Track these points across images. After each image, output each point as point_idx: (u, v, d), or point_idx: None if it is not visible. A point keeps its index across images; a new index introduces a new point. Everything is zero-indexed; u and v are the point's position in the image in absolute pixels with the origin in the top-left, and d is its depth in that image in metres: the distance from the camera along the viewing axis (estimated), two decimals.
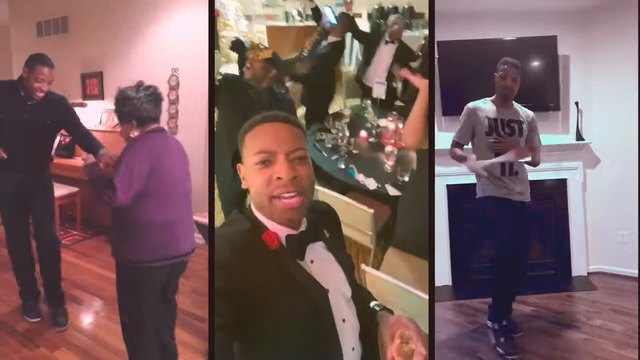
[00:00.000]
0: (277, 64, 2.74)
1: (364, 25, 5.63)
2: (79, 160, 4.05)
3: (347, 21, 3.98)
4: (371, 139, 3.47)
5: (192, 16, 3.64)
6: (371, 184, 2.73)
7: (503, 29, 3.33)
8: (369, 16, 5.90)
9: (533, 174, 3.30)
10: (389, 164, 2.93)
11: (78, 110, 4.12)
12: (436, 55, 3.31)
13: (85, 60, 4.25)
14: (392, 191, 2.64)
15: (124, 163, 1.93)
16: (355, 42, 5.31)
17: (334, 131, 3.39)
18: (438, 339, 2.50)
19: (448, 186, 3.35)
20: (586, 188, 3.51)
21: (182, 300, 2.76)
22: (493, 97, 2.53)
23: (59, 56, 2.91)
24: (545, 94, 3.39)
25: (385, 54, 4.11)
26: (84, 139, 2.73)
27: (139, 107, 2.01)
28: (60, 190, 3.01)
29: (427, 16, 5.86)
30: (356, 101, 4.53)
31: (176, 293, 2.26)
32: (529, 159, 2.48)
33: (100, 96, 4.22)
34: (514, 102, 2.53)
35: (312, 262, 1.10)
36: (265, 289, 1.00)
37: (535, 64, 3.37)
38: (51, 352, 2.49)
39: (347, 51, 5.03)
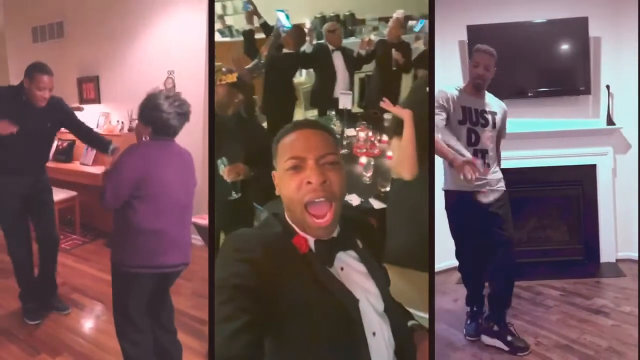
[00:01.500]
0: (243, 87, 2.63)
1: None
2: (77, 164, 4.05)
3: (300, 34, 3.96)
4: (343, 151, 3.35)
5: (188, 19, 3.65)
6: (354, 199, 2.60)
7: (533, 11, 3.26)
8: (313, 26, 5.88)
9: (561, 160, 3.34)
10: (367, 175, 2.83)
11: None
12: (465, 40, 3.30)
13: (81, 64, 4.28)
14: (376, 204, 2.52)
15: (116, 167, 1.97)
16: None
17: None
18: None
19: None
20: (616, 174, 3.41)
21: (182, 302, 2.76)
22: (463, 85, 2.45)
23: (55, 61, 2.92)
24: (576, 77, 3.32)
25: (338, 63, 4.07)
26: (90, 137, 2.85)
27: (164, 121, 2.00)
28: (59, 195, 3.03)
29: (368, 21, 5.91)
30: (314, 113, 4.39)
31: (168, 296, 2.27)
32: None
33: (97, 100, 4.25)
34: (486, 92, 2.45)
35: (342, 269, 1.11)
36: (293, 291, 1.01)
37: (565, 46, 3.29)
38: (52, 358, 2.51)
39: None
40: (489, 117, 2.39)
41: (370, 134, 3.17)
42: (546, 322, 2.66)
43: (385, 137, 3.22)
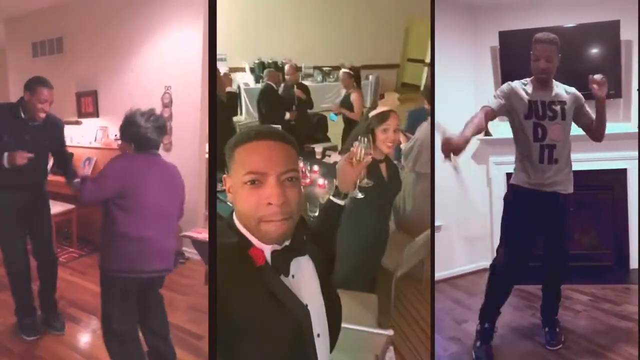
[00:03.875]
0: None
1: (248, 78, 6.83)
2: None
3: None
4: None
5: (185, 35, 3.69)
6: None
7: (564, 16, 3.28)
8: (252, 70, 6.89)
9: (591, 164, 3.23)
10: None
11: (73, 127, 4.11)
12: (497, 45, 3.35)
13: (80, 79, 4.31)
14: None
15: (102, 172, 2.14)
16: (243, 93, 6.26)
17: None
18: (502, 320, 2.50)
19: (508, 174, 3.12)
20: None
21: (178, 316, 2.73)
22: (530, 78, 2.31)
23: (55, 76, 2.93)
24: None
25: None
26: (65, 163, 2.82)
27: (142, 136, 2.16)
28: (56, 208, 3.02)
29: (304, 69, 6.87)
30: None
31: (157, 302, 2.35)
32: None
33: (95, 114, 4.27)
34: (554, 81, 2.32)
35: (292, 276, 1.10)
36: (246, 305, 1.00)
37: (596, 50, 3.28)
38: None
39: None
40: (558, 108, 2.24)
41: (302, 164, 3.33)
42: (575, 326, 2.61)
43: (316, 168, 3.69)
